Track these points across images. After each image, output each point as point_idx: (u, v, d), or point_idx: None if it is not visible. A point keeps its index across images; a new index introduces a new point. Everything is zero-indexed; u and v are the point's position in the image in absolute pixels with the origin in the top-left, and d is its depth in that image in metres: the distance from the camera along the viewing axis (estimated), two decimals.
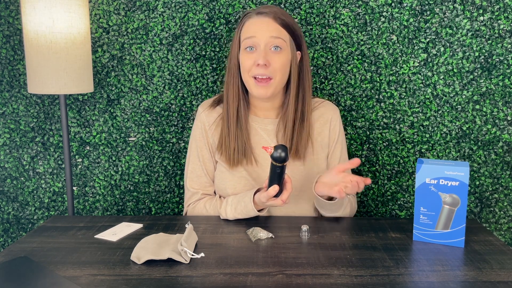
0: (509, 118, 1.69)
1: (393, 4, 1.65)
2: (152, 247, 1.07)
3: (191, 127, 1.75)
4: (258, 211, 1.29)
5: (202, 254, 1.07)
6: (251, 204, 1.25)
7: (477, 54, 1.65)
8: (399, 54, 1.67)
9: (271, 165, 1.16)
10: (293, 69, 1.34)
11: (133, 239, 1.17)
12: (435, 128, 1.71)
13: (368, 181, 1.22)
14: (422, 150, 1.73)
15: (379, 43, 1.67)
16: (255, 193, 1.27)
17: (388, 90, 1.70)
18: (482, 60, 1.66)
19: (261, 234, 1.18)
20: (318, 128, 1.41)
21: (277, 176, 1.16)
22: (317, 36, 1.68)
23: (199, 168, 1.43)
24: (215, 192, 1.45)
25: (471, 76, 1.67)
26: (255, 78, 1.30)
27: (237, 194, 1.32)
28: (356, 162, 1.23)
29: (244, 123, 1.37)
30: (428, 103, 1.70)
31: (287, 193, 1.19)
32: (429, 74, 1.68)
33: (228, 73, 1.37)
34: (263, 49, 1.28)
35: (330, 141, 1.42)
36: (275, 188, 1.17)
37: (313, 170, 1.39)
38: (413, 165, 1.74)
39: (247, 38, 1.30)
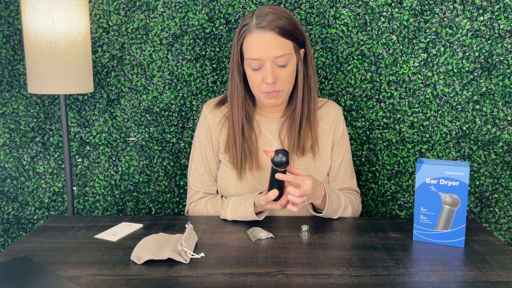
0: (509, 118, 1.69)
1: (393, 4, 1.64)
2: (152, 247, 1.07)
3: (191, 127, 1.75)
4: (258, 214, 1.29)
5: (202, 254, 1.07)
6: (251, 209, 1.26)
7: (477, 54, 1.65)
8: (399, 54, 1.67)
9: (272, 169, 1.16)
10: (299, 72, 1.33)
11: (133, 239, 1.17)
12: (435, 128, 1.71)
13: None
14: (422, 150, 1.73)
15: (379, 43, 1.67)
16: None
17: (388, 90, 1.70)
18: (482, 60, 1.66)
19: (261, 234, 1.18)
20: (321, 127, 1.41)
21: (277, 180, 1.16)
22: (317, 36, 1.68)
23: (202, 167, 1.43)
24: (217, 192, 1.46)
25: (471, 76, 1.67)
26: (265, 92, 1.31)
27: (239, 196, 1.33)
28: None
29: (249, 126, 1.37)
30: (428, 103, 1.70)
31: (287, 198, 1.19)
32: (429, 74, 1.68)
33: (231, 82, 1.36)
34: (269, 67, 1.26)
35: (334, 140, 1.43)
36: (274, 192, 1.17)
37: (317, 169, 1.39)
38: (413, 165, 1.74)
39: (252, 59, 1.28)
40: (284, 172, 1.16)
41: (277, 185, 1.17)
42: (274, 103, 1.32)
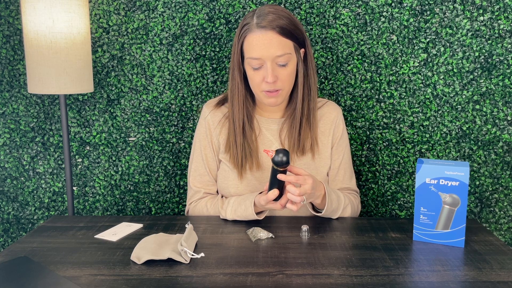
0: (509, 118, 1.69)
1: (393, 4, 1.65)
2: (152, 247, 1.07)
3: (191, 127, 1.75)
4: (258, 213, 1.29)
5: (202, 254, 1.07)
6: (251, 208, 1.26)
7: (477, 54, 1.65)
8: (399, 54, 1.67)
9: (272, 169, 1.16)
10: (299, 71, 1.33)
11: (133, 239, 1.17)
12: (435, 128, 1.71)
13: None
14: (422, 150, 1.73)
15: (379, 43, 1.67)
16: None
17: (388, 90, 1.70)
18: (482, 60, 1.66)
19: (261, 234, 1.18)
20: (321, 127, 1.42)
21: (277, 180, 1.16)
22: (317, 36, 1.68)
23: (202, 167, 1.43)
24: (217, 192, 1.46)
25: (471, 76, 1.67)
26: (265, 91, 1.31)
27: (240, 196, 1.33)
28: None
29: (250, 126, 1.37)
30: (428, 103, 1.70)
31: (287, 197, 1.19)
32: (429, 74, 1.68)
33: (232, 81, 1.36)
34: (270, 66, 1.27)
35: (334, 140, 1.43)
36: (274, 192, 1.17)
37: (316, 169, 1.39)
38: (413, 165, 1.74)
39: (252, 59, 1.28)
40: (284, 172, 1.16)
41: (277, 185, 1.17)
42: (274, 102, 1.32)
